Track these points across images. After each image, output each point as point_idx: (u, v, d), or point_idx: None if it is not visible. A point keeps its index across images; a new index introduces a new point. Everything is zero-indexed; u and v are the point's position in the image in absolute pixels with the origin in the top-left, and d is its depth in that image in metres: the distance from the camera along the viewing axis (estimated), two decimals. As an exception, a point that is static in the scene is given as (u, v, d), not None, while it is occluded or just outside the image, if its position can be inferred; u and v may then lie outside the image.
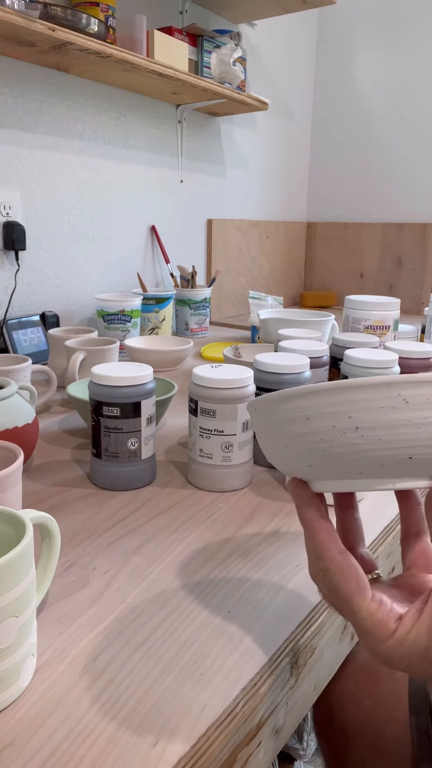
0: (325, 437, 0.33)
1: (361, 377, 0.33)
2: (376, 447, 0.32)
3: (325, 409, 0.33)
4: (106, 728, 0.34)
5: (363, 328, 1.14)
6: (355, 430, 0.32)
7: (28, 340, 1.18)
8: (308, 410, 0.33)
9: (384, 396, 0.31)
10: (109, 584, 0.48)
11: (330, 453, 0.33)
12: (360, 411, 0.32)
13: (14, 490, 0.50)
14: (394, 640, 0.32)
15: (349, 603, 0.34)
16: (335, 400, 0.32)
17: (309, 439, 0.34)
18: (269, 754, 0.40)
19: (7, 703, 0.35)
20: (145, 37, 1.24)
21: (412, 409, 0.31)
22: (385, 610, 0.33)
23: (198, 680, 0.38)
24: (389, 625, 0.32)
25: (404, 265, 2.01)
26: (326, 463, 0.34)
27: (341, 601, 0.34)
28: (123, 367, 0.65)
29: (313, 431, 0.33)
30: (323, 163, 2.17)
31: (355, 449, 0.32)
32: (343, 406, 0.32)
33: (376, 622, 0.33)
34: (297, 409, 0.34)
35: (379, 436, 0.32)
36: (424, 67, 1.88)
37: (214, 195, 1.78)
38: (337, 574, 0.34)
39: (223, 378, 0.62)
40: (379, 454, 0.32)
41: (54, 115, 1.26)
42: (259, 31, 1.82)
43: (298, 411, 0.34)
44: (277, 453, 0.37)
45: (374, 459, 0.32)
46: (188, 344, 1.16)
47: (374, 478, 0.33)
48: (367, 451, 0.32)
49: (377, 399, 0.31)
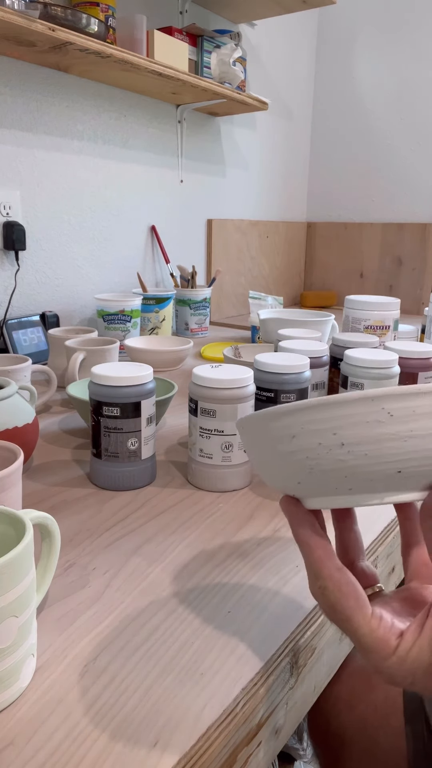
0: (312, 455, 0.32)
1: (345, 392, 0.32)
2: (363, 462, 0.31)
3: (311, 426, 0.32)
4: (106, 728, 0.34)
5: (363, 328, 1.14)
6: (341, 447, 0.31)
7: (28, 340, 1.18)
8: (293, 428, 0.33)
9: (368, 411, 0.31)
10: (109, 584, 0.48)
11: (318, 470, 0.33)
12: (345, 427, 0.31)
13: (14, 490, 0.50)
14: (396, 657, 0.31)
15: (348, 620, 0.33)
16: (319, 417, 0.32)
17: (296, 457, 0.33)
18: (269, 754, 0.40)
19: (7, 703, 0.35)
20: (145, 37, 1.24)
21: (397, 423, 0.30)
22: (386, 626, 0.32)
23: (198, 680, 0.38)
24: (390, 642, 0.32)
25: (404, 265, 2.01)
26: (315, 481, 0.34)
27: (341, 619, 0.34)
28: (123, 367, 0.65)
29: (299, 449, 0.33)
30: (323, 163, 2.17)
31: (342, 465, 0.32)
32: (327, 423, 0.32)
33: (377, 639, 0.32)
34: (283, 428, 0.33)
35: (365, 451, 0.31)
36: (424, 67, 1.88)
37: (214, 195, 1.78)
38: (335, 591, 0.34)
39: (223, 378, 0.62)
40: (367, 469, 0.32)
41: (54, 115, 1.26)
42: (259, 31, 1.82)
43: (284, 429, 0.33)
44: (267, 470, 0.37)
45: (362, 475, 0.32)
46: (188, 344, 1.16)
47: (364, 494, 0.33)
48: (355, 467, 0.32)
49: (361, 414, 0.31)
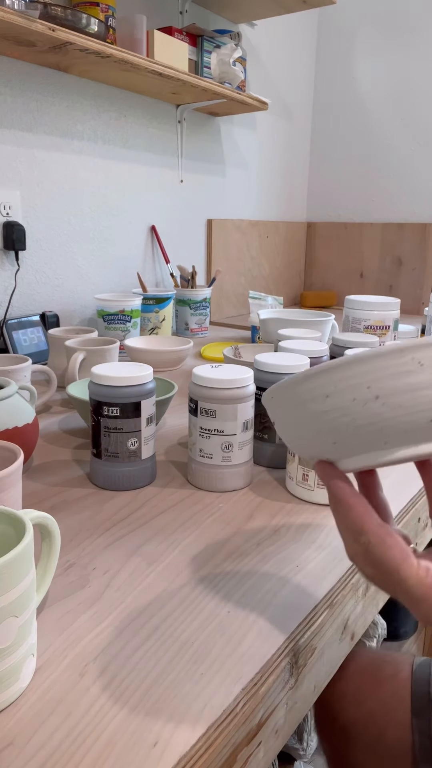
0: (347, 411, 0.34)
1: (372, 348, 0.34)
2: (397, 414, 0.33)
3: (344, 384, 0.33)
4: (106, 728, 0.34)
5: (363, 328, 1.14)
6: (376, 399, 0.33)
7: (28, 340, 1.18)
8: (327, 387, 0.34)
9: (399, 362, 0.32)
10: (109, 584, 0.48)
11: (353, 426, 0.34)
12: (378, 380, 0.32)
13: (14, 490, 0.50)
14: None
15: (396, 572, 0.34)
16: (352, 373, 0.33)
17: (331, 416, 0.34)
18: (269, 754, 0.40)
19: (7, 703, 0.35)
20: (145, 37, 1.24)
21: (427, 371, 0.32)
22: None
23: (198, 680, 0.38)
24: None
25: (404, 265, 2.01)
26: (351, 438, 0.35)
27: (388, 572, 0.34)
28: (123, 367, 0.65)
29: (334, 407, 0.34)
30: (323, 163, 2.17)
31: (377, 419, 0.33)
32: (360, 378, 0.33)
33: (428, 587, 0.33)
34: (315, 389, 0.34)
35: (399, 402, 0.32)
36: (425, 67, 1.88)
37: (214, 195, 1.78)
38: (379, 545, 0.34)
39: (223, 378, 0.62)
40: (402, 419, 0.33)
41: (54, 115, 1.26)
42: (259, 31, 1.82)
43: (317, 390, 0.34)
44: (301, 437, 0.37)
45: (397, 426, 0.33)
46: (188, 344, 1.16)
47: (399, 446, 0.34)
48: (390, 419, 0.33)
49: (393, 365, 0.32)
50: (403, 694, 0.63)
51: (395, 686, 0.64)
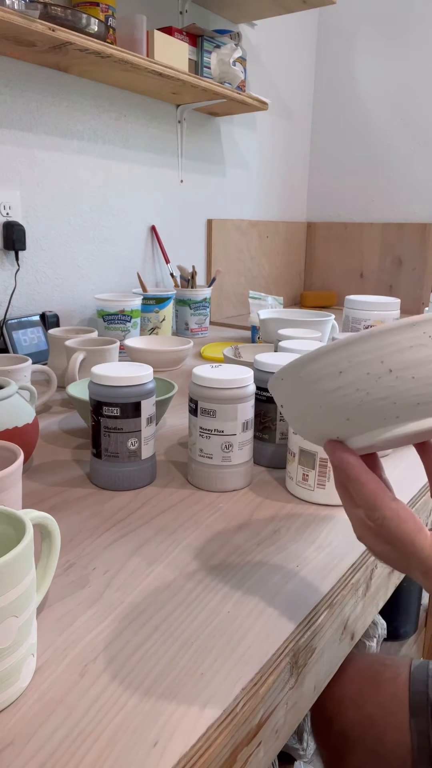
0: (361, 386, 0.34)
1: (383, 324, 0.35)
2: (411, 386, 0.34)
3: (357, 359, 0.34)
4: (106, 728, 0.34)
5: (363, 328, 1.14)
6: (389, 373, 0.34)
7: (28, 340, 1.18)
8: (340, 364, 0.35)
9: (411, 336, 0.33)
10: (109, 584, 0.48)
11: (367, 401, 0.35)
12: (391, 354, 0.33)
13: (14, 490, 0.50)
14: None
15: (411, 544, 0.34)
16: (366, 348, 0.34)
17: (344, 391, 0.35)
18: (269, 754, 0.40)
19: (7, 703, 0.35)
20: (145, 37, 1.24)
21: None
22: None
23: (198, 680, 0.38)
24: None
25: (404, 265, 2.01)
26: (364, 413, 0.35)
27: (402, 544, 0.35)
28: (123, 367, 0.65)
29: (347, 383, 0.35)
30: (323, 163, 2.17)
31: (391, 392, 0.34)
32: (374, 353, 0.34)
33: None
34: (328, 366, 0.35)
35: (412, 374, 0.33)
36: (425, 67, 1.88)
37: (214, 195, 1.78)
38: (393, 519, 0.35)
39: (223, 378, 0.62)
40: (415, 392, 0.34)
41: (54, 115, 1.26)
42: (259, 31, 1.82)
43: (330, 367, 0.35)
44: (311, 417, 0.38)
45: (410, 399, 0.34)
46: (188, 344, 1.16)
47: (411, 420, 0.35)
48: (403, 392, 0.34)
49: (405, 339, 0.33)
50: (402, 696, 0.63)
51: (394, 689, 0.64)
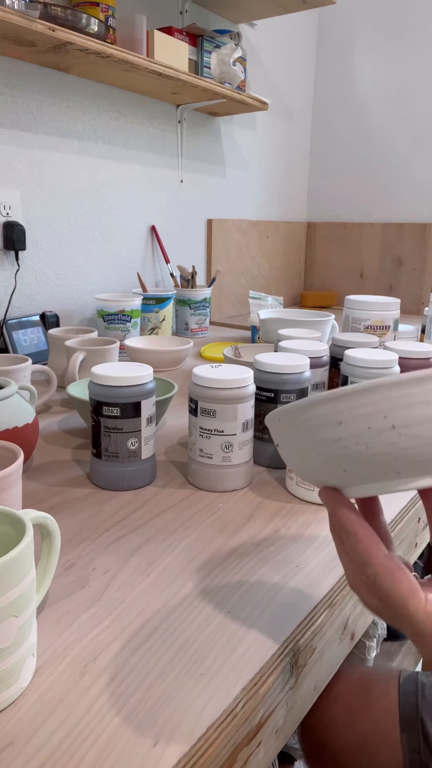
0: (361, 440, 0.32)
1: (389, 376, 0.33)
2: (414, 444, 0.31)
3: (359, 411, 0.32)
4: (106, 728, 0.34)
5: (363, 328, 1.14)
6: (392, 429, 0.31)
7: (28, 340, 1.18)
8: (341, 414, 0.33)
9: (419, 391, 0.31)
10: (109, 584, 0.48)
11: (366, 455, 0.33)
12: (396, 409, 0.31)
13: (14, 490, 0.50)
14: None
15: (404, 607, 0.33)
16: (369, 400, 0.32)
17: (343, 443, 0.33)
18: (269, 754, 0.40)
19: (7, 703, 0.35)
20: (145, 37, 1.24)
21: None
22: None
23: (198, 680, 0.38)
24: None
25: (404, 265, 2.01)
26: (362, 467, 0.33)
27: (395, 605, 0.33)
28: (123, 367, 0.65)
29: (347, 435, 0.33)
30: (323, 163, 2.17)
31: (392, 449, 0.32)
32: (377, 406, 0.32)
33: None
34: (328, 414, 0.33)
35: (417, 432, 0.31)
36: (425, 67, 1.88)
37: (214, 195, 1.78)
38: (387, 578, 0.33)
39: (223, 378, 0.62)
40: (418, 451, 0.32)
41: (54, 115, 1.26)
42: (259, 31, 1.82)
43: (330, 416, 0.33)
44: (307, 463, 0.36)
45: (412, 457, 0.32)
46: (188, 344, 1.16)
47: (413, 477, 0.33)
48: (405, 450, 0.32)
49: (413, 395, 0.31)
50: (394, 712, 0.61)
51: (386, 705, 0.62)
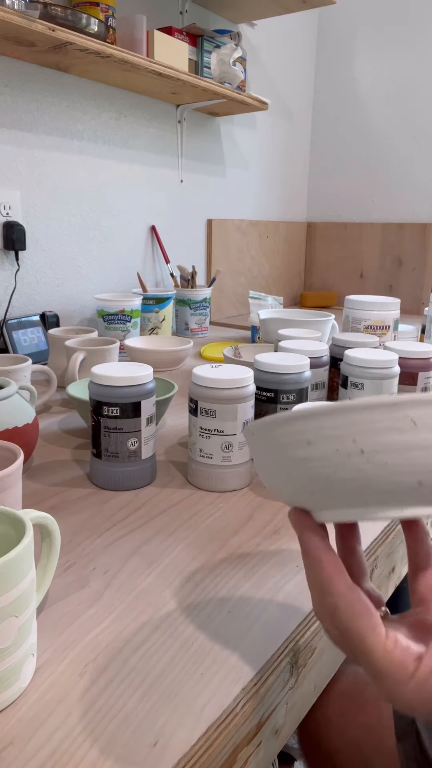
0: (328, 462, 0.31)
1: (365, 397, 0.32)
2: (382, 472, 0.30)
3: (328, 432, 0.31)
4: (106, 728, 0.34)
5: (363, 328, 1.14)
6: (360, 454, 0.30)
7: (28, 340, 1.18)
8: (309, 433, 0.31)
9: (390, 417, 0.29)
10: (109, 584, 0.48)
11: (333, 479, 0.31)
12: (365, 433, 0.30)
13: (14, 490, 0.50)
14: (414, 682, 0.29)
15: (361, 642, 0.31)
16: (339, 422, 0.30)
17: (311, 464, 0.32)
18: (269, 754, 0.40)
19: (7, 703, 0.35)
20: (145, 37, 1.24)
21: (420, 431, 0.29)
22: (402, 648, 0.30)
23: (198, 680, 0.38)
24: (407, 665, 0.30)
25: (404, 265, 2.01)
26: (330, 491, 0.32)
27: (353, 640, 0.31)
28: (123, 367, 0.65)
29: (315, 456, 0.31)
30: (323, 163, 2.17)
31: (360, 475, 0.30)
32: (347, 429, 0.30)
33: (393, 662, 0.30)
34: (298, 432, 0.32)
35: (386, 460, 0.30)
36: (425, 67, 1.88)
37: (214, 195, 1.78)
38: (347, 611, 0.31)
39: (223, 378, 0.62)
40: (386, 479, 0.30)
41: (54, 115, 1.26)
42: (259, 31, 1.82)
43: (299, 434, 0.32)
44: (277, 480, 0.35)
45: (381, 485, 0.30)
46: (188, 344, 1.16)
47: (381, 506, 0.31)
48: (373, 477, 0.30)
49: (383, 420, 0.29)
50: (389, 718, 0.59)
51: (380, 710, 0.60)
